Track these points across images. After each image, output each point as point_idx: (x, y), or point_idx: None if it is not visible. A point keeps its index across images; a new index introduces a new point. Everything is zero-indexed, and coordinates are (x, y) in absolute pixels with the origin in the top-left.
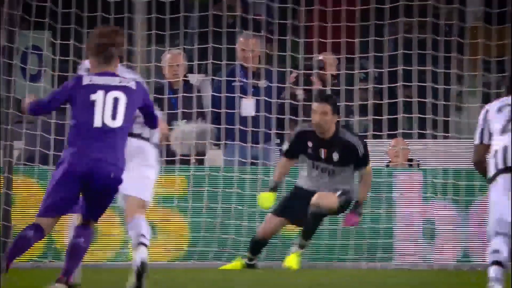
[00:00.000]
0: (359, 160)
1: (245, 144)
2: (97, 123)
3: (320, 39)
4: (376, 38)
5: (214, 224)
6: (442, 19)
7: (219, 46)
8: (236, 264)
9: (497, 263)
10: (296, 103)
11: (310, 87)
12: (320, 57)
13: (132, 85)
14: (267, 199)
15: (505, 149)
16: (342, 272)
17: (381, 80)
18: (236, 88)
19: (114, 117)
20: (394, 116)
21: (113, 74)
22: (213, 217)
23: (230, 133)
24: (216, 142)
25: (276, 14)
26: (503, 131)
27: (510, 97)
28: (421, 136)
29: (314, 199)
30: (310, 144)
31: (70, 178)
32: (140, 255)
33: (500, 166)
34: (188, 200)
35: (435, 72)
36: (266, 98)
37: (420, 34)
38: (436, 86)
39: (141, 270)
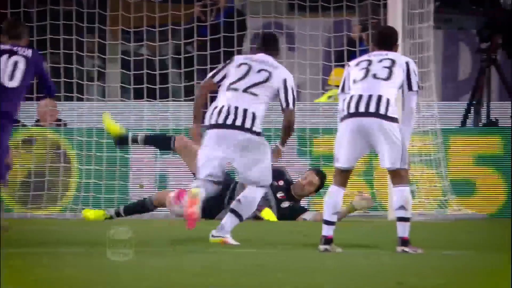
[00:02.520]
0: None
1: None
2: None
3: None
4: (24, 9)
5: None
6: None
7: None
8: (99, 213)
9: None
10: None
11: None
12: None
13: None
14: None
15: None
16: None
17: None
18: None
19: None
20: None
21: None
22: None
23: None
24: None
25: None
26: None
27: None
28: (68, 98)
29: None
30: (281, 183)
31: None
32: None
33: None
34: None
35: (79, 40)
36: None
37: (65, 6)
38: (81, 53)
39: None
